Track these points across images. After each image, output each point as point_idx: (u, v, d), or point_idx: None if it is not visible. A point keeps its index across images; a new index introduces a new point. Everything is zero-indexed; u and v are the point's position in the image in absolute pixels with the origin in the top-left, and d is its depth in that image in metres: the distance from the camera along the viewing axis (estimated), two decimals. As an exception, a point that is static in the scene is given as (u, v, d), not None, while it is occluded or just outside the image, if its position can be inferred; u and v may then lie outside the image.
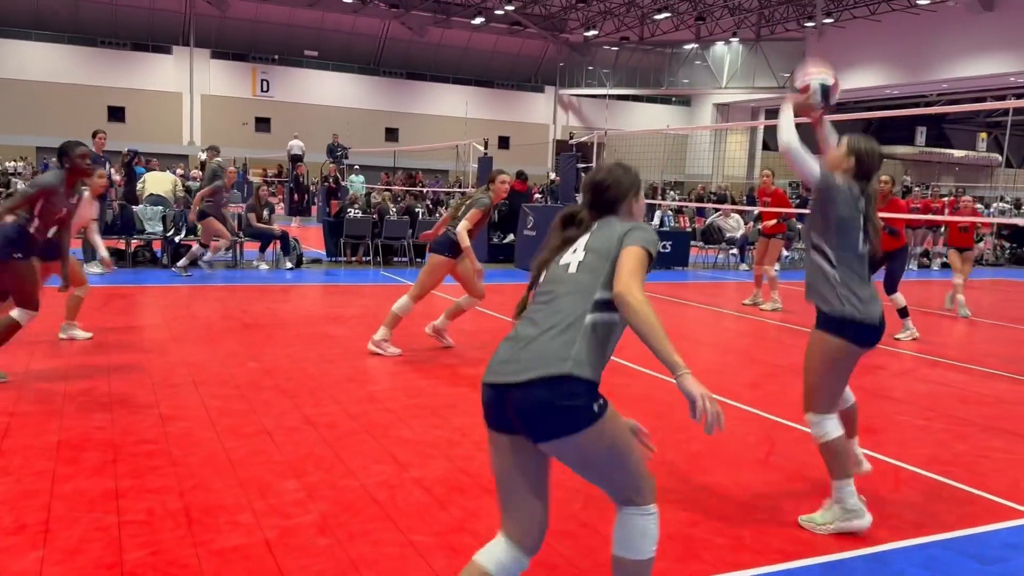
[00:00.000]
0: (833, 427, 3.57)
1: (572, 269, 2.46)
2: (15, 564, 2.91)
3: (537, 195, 21.72)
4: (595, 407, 2.28)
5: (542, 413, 2.24)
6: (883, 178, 8.30)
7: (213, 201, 11.39)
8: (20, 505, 3.40)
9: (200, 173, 24.68)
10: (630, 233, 2.45)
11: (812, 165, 3.55)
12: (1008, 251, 20.42)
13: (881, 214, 8.65)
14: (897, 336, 8.36)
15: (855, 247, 3.50)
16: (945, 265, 18.18)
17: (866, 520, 3.47)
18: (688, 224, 19.05)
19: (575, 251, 2.51)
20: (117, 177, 18.83)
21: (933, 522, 3.68)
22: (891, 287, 8.42)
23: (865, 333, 3.46)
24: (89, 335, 6.83)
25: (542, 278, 2.55)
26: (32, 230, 5.32)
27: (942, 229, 18.16)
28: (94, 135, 11.28)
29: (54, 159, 5.98)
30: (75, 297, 6.68)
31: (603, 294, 2.38)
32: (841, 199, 3.49)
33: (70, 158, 5.40)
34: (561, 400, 2.23)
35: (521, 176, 15.52)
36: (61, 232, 5.64)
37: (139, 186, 12.86)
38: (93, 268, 10.84)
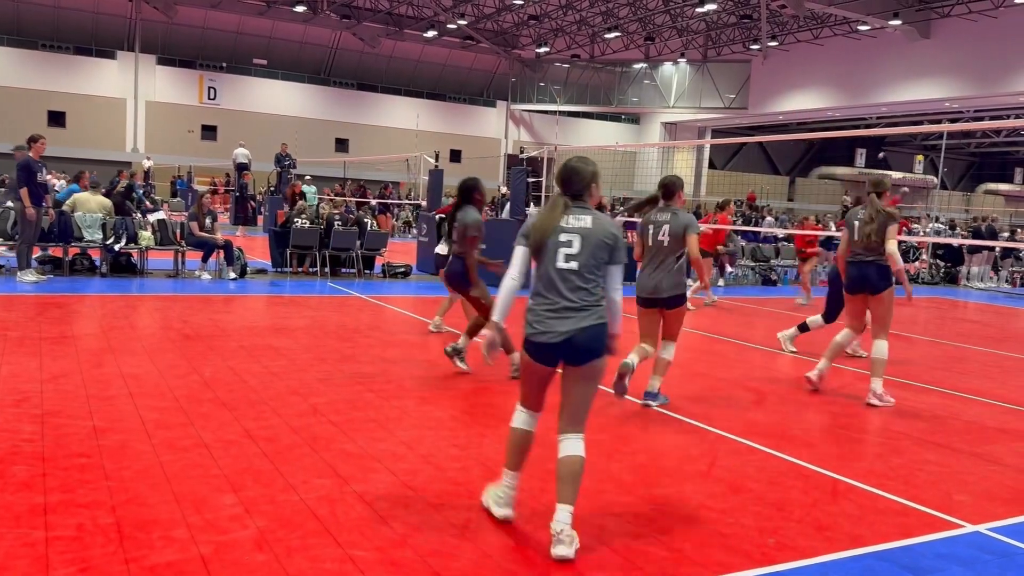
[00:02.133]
0: None
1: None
2: (-68, 583, 2.78)
3: (488, 209, 21.74)
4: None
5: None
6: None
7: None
8: (-60, 521, 3.26)
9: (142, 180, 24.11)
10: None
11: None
12: (943, 270, 21.08)
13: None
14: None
15: None
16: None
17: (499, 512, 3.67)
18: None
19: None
20: (57, 183, 18.29)
21: (869, 534, 3.75)
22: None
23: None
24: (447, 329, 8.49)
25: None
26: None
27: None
28: (34, 140, 10.80)
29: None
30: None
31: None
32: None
33: (479, 191, 6.76)
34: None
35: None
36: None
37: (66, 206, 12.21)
38: (28, 276, 10.50)
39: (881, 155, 51.37)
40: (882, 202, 6.40)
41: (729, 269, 16.61)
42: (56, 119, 36.14)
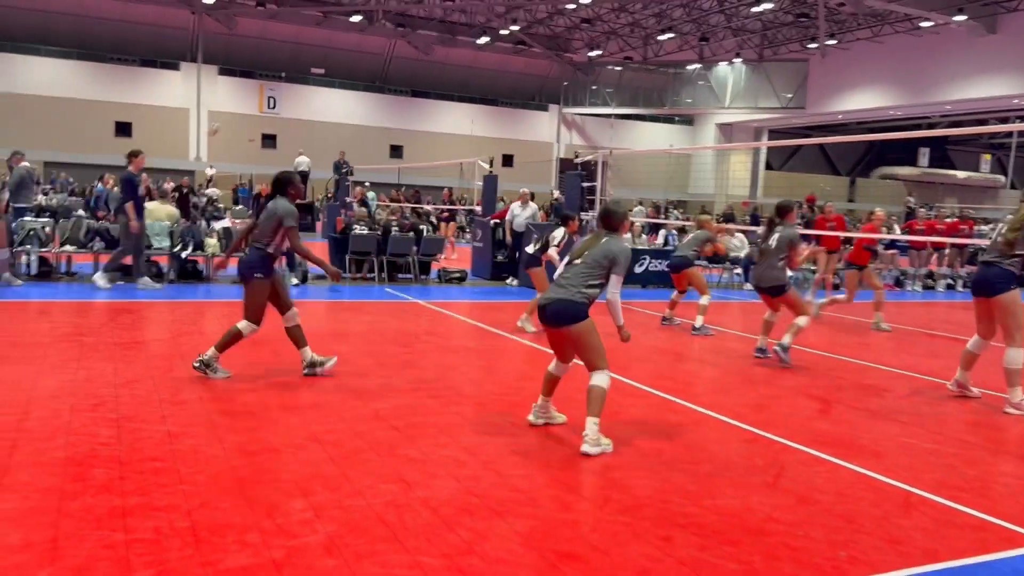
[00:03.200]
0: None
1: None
2: (22, 582, 2.89)
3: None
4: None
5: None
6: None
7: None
8: (27, 522, 3.39)
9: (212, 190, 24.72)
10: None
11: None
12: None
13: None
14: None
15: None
16: (950, 287, 18.16)
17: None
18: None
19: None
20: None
21: (944, 548, 3.65)
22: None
23: None
24: (534, 329, 8.92)
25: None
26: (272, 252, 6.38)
27: (946, 251, 18.15)
28: (134, 155, 11.19)
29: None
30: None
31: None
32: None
33: (294, 185, 6.45)
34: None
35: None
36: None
37: None
38: (101, 281, 10.85)
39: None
40: None
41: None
42: (123, 129, 37.27)
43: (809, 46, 36.61)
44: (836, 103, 36.74)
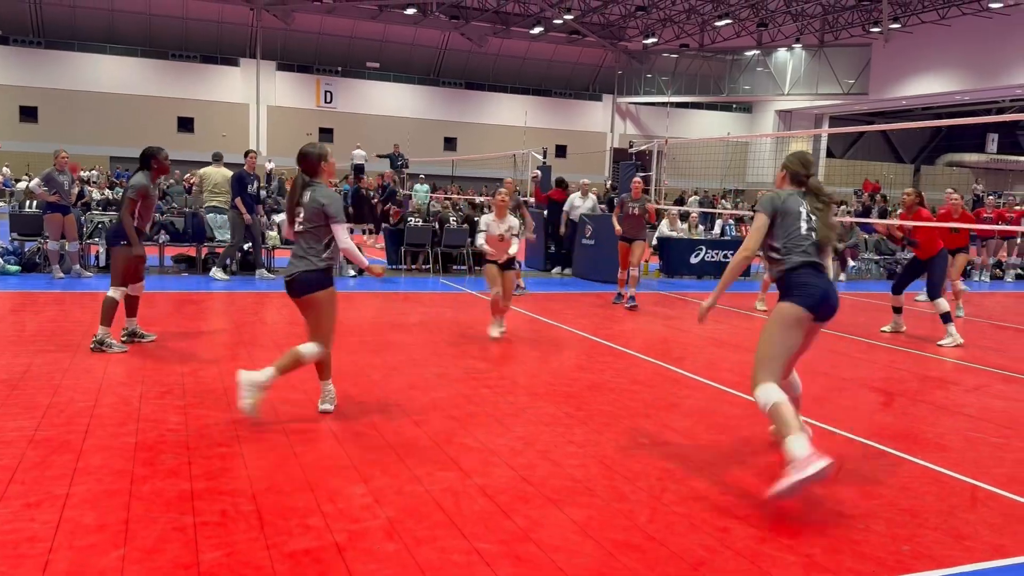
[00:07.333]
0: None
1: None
2: (98, 562, 3.01)
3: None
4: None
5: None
6: (907, 190, 9.13)
7: None
8: (101, 504, 3.53)
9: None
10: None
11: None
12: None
13: (905, 223, 9.06)
14: (940, 343, 8.73)
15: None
16: (1020, 276, 17.55)
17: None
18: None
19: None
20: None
21: (1013, 544, 3.55)
22: (933, 293, 9.02)
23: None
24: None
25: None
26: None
27: (1018, 239, 17.54)
28: (246, 155, 12.16)
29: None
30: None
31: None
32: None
33: (157, 159, 6.76)
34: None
35: (561, 184, 15.36)
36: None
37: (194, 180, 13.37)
38: (218, 275, 11.32)
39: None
40: None
41: (851, 263, 15.99)
42: (185, 125, 38.23)
43: (872, 30, 35.64)
44: (900, 88, 35.72)
